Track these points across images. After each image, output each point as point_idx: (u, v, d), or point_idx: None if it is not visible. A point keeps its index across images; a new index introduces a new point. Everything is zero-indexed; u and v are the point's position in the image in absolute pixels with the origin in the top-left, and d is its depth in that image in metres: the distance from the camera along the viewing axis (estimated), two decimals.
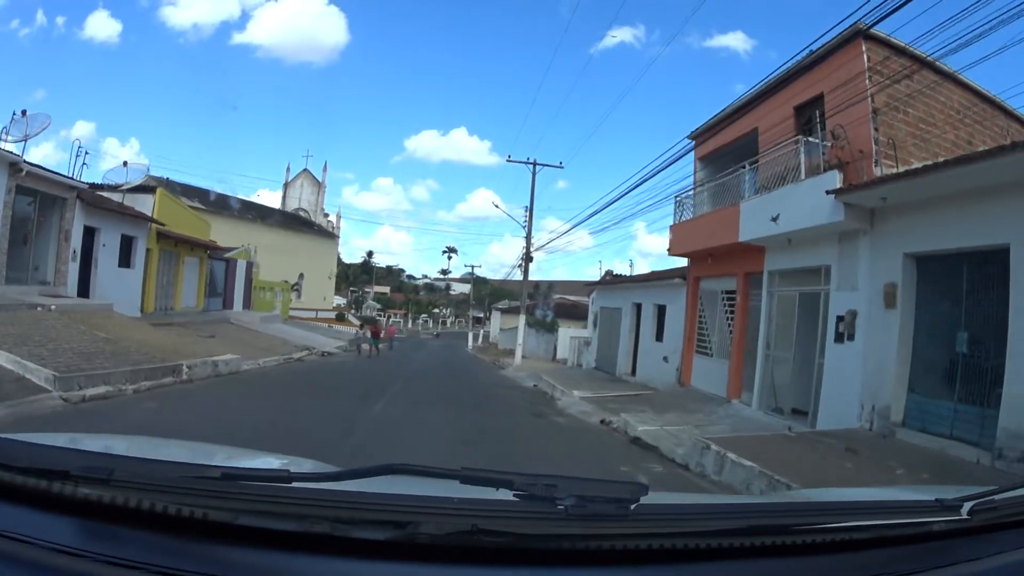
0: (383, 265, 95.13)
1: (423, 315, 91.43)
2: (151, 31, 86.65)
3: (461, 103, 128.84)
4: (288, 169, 54.28)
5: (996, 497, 1.22)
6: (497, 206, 41.35)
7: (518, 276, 51.47)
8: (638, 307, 16.59)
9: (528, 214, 23.87)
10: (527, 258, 23.58)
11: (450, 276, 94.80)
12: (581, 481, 1.06)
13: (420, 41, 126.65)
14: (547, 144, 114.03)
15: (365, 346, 24.21)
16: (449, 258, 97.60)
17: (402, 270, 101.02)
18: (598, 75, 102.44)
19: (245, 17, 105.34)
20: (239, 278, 28.84)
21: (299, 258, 48.08)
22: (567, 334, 26.48)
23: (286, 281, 40.05)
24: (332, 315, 44.98)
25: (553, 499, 1.00)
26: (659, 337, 15.16)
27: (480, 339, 53.07)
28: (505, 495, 1.01)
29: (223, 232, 36.67)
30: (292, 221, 50.15)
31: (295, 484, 1.02)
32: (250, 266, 27.45)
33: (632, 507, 1.03)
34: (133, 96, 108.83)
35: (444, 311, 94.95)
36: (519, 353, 23.72)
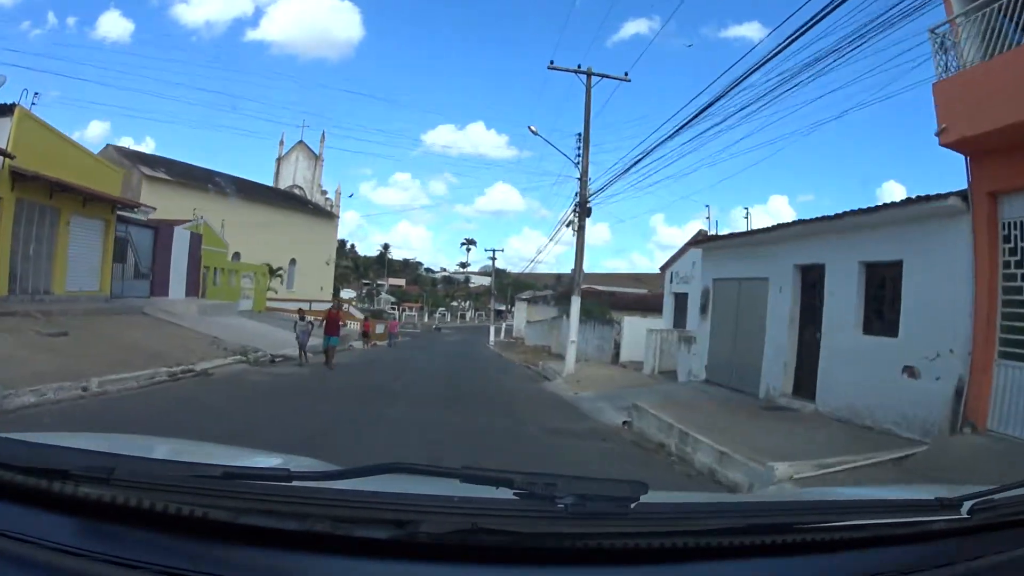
0: (400, 259, 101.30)
1: (440, 308, 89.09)
2: (164, 29, 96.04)
3: (477, 97, 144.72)
4: (282, 142, 47.87)
5: (996, 496, 1.23)
6: (535, 133, 21.74)
7: (540, 269, 43.66)
8: (809, 273, 10.51)
9: (582, 143, 15.05)
10: (582, 209, 14.50)
11: (469, 269, 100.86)
12: (581, 480, 1.10)
13: (436, 36, 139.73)
14: (559, 135, 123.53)
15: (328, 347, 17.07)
16: (468, 250, 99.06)
17: (419, 263, 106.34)
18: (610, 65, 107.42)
19: (259, 14, 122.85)
20: (179, 255, 23.67)
21: (291, 241, 47.05)
22: (639, 326, 21.09)
23: (267, 265, 31.53)
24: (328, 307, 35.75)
25: (553, 498, 1.04)
26: (879, 327, 8.96)
27: (502, 333, 49.49)
28: (505, 494, 1.06)
29: (191, 207, 31.72)
30: (281, 198, 42.35)
31: (296, 483, 1.07)
32: (197, 240, 18.67)
33: (632, 506, 1.06)
34: (148, 95, 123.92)
35: (463, 304, 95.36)
36: (572, 355, 18.56)
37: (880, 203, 9.26)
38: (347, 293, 70.96)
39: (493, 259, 53.97)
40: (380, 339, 36.12)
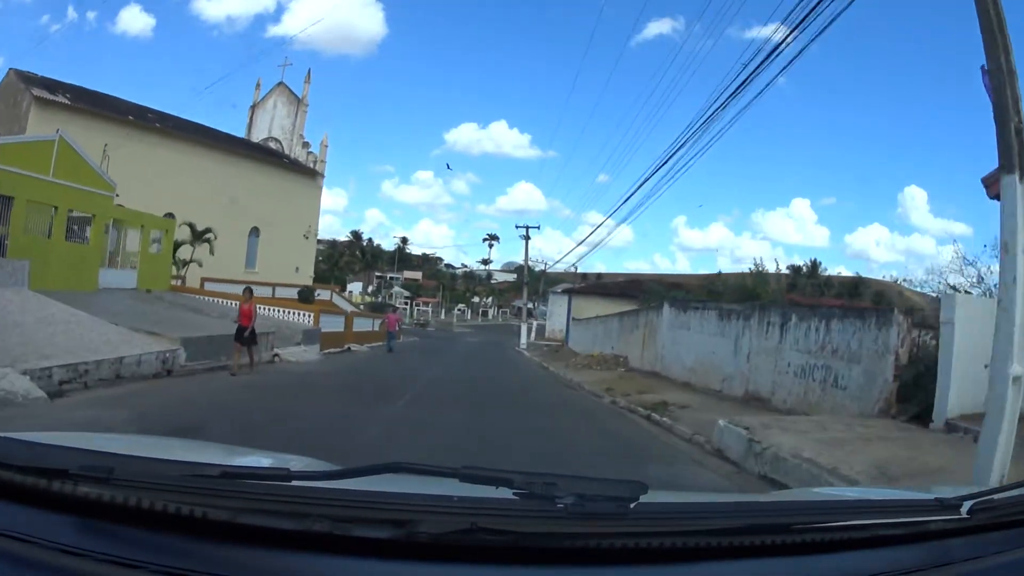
0: (419, 253, 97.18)
1: (460, 304, 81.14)
2: (184, 25, 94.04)
3: (501, 95, 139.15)
4: (258, 86, 36.02)
5: (995, 497, 1.22)
6: None
7: (557, 270, 43.14)
8: None
9: None
10: None
11: (491, 267, 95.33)
12: (581, 480, 1.07)
13: (458, 33, 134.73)
14: (586, 135, 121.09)
15: None
16: (490, 246, 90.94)
17: (440, 258, 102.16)
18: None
19: (280, 9, 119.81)
20: None
21: (254, 203, 34.54)
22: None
23: (188, 225, 17.97)
24: (304, 295, 22.70)
25: (553, 497, 1.02)
26: None
27: (533, 333, 37.97)
28: (505, 494, 1.03)
29: (102, 144, 23.25)
30: (244, 147, 29.18)
31: (295, 483, 1.06)
32: None
33: (632, 506, 1.04)
34: (168, 91, 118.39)
35: (485, 300, 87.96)
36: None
37: None
38: (355, 286, 65.31)
39: (527, 237, 39.48)
40: (364, 340, 24.16)
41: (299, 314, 21.96)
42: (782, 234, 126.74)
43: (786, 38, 9.51)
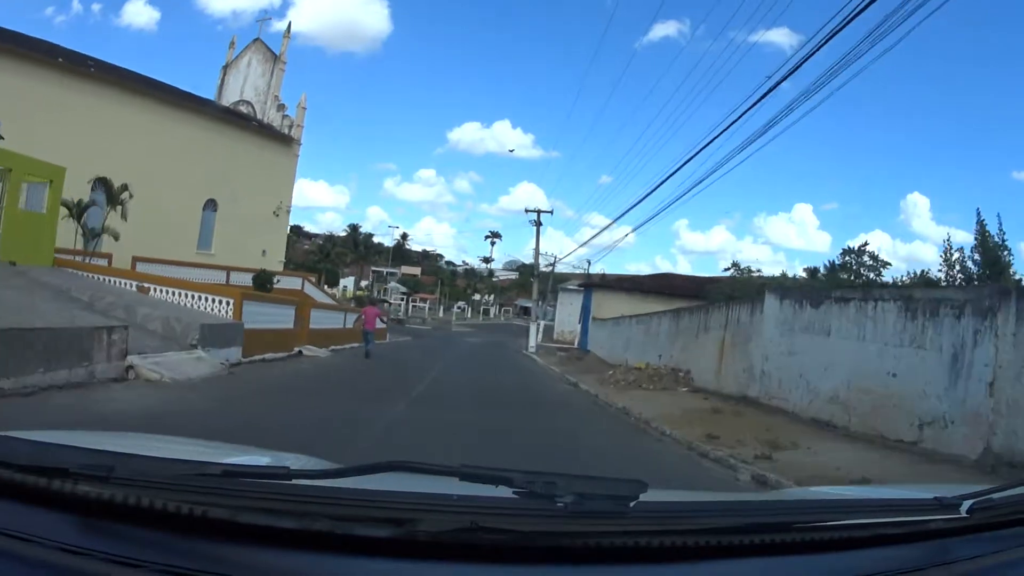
0: (419, 250, 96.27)
1: (460, 302, 78.53)
2: (189, 19, 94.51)
3: (504, 95, 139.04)
4: (232, 44, 29.66)
5: (995, 496, 1.22)
6: None
7: (558, 270, 38.59)
8: None
9: None
10: None
11: (493, 266, 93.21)
12: (581, 478, 1.08)
13: (463, 32, 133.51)
14: (590, 136, 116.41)
15: None
16: (492, 244, 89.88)
17: (440, 255, 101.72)
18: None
19: (286, 5, 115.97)
20: None
21: (214, 172, 29.11)
22: None
23: (105, 182, 11.36)
24: (260, 281, 15.75)
25: (552, 496, 1.02)
26: None
27: (540, 334, 32.79)
28: (505, 492, 1.04)
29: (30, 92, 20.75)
30: (205, 107, 22.45)
31: (295, 481, 1.05)
32: None
33: (631, 504, 1.04)
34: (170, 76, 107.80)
35: (486, 298, 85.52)
36: None
37: None
38: (349, 281, 62.50)
39: (538, 223, 34.15)
40: (330, 340, 18.78)
41: (206, 299, 15.02)
42: (784, 239, 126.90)
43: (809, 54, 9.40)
